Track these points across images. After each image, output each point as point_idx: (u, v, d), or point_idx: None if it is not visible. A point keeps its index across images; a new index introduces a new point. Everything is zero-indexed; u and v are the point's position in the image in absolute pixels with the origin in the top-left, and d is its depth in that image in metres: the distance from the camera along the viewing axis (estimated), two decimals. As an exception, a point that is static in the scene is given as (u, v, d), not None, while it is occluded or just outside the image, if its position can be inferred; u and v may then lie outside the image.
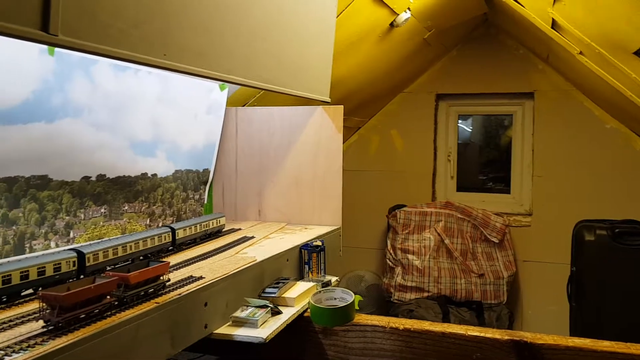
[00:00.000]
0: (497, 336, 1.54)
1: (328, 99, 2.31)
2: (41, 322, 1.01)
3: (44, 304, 0.99)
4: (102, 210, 1.98)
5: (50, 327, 0.98)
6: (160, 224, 2.26)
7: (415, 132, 4.23)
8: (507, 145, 4.24)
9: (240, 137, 2.57)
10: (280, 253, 1.84)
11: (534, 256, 3.91)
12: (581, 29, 2.44)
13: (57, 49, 1.66)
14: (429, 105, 4.20)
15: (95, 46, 1.15)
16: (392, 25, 2.95)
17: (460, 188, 4.25)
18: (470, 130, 4.64)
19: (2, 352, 0.89)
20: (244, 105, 2.74)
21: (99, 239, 1.96)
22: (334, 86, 2.36)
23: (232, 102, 2.61)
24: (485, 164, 4.62)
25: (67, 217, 1.84)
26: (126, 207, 2.09)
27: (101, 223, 1.98)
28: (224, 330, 1.43)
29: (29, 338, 0.95)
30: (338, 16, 2.37)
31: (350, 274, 4.00)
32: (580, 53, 2.70)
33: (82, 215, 1.90)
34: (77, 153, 1.82)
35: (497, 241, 3.70)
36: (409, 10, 2.87)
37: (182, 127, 2.32)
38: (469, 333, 1.55)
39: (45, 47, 1.63)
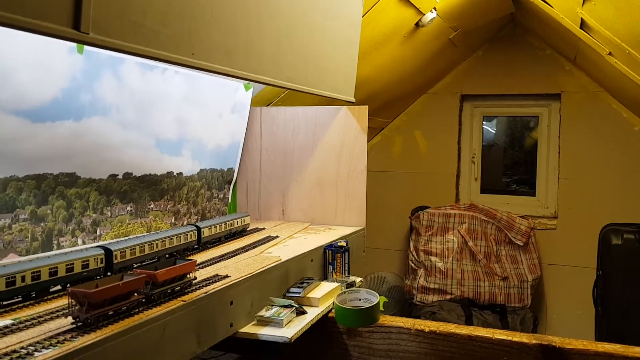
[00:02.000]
0: (525, 340, 1.51)
1: (353, 99, 2.30)
2: (70, 319, 1.01)
3: (73, 301, 0.99)
4: (128, 208, 2.00)
5: (79, 324, 0.98)
6: (184, 223, 2.28)
7: (439, 133, 4.19)
8: (532, 147, 4.17)
9: (264, 136, 2.57)
10: (305, 253, 1.83)
11: (560, 260, 3.84)
12: (611, 29, 2.39)
13: (86, 48, 1.69)
14: (454, 106, 4.16)
15: (125, 44, 1.16)
16: (417, 25, 2.93)
17: (484, 190, 4.20)
18: (494, 131, 4.58)
19: (32, 347, 0.90)
20: (268, 105, 2.75)
21: (125, 236, 1.98)
22: (359, 86, 2.35)
23: (256, 101, 2.62)
24: (510, 165, 4.55)
25: (93, 215, 1.86)
26: (152, 205, 2.11)
27: (127, 221, 2.00)
28: (249, 329, 1.42)
29: (58, 334, 0.96)
30: (363, 16, 2.36)
31: (372, 275, 3.98)
32: (610, 54, 2.64)
33: (109, 213, 1.92)
34: (104, 151, 1.84)
35: (521, 244, 3.64)
36: (435, 10, 2.84)
37: (207, 127, 2.33)
38: (495, 336, 1.52)
39: (74, 45, 1.65)
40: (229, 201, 2.58)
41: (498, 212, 3.76)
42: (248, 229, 2.14)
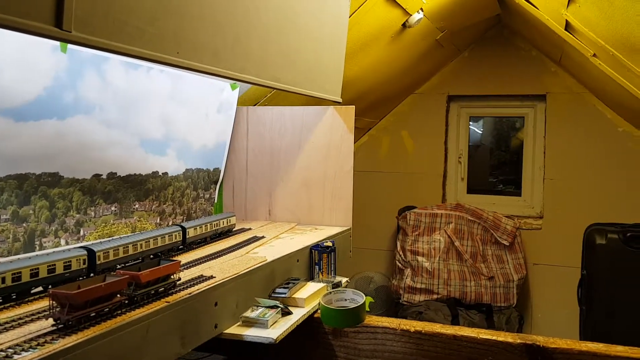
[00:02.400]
0: (509, 340, 1.52)
1: (340, 99, 2.30)
2: (51, 321, 1.00)
3: (54, 302, 0.98)
4: (113, 208, 1.98)
5: (60, 326, 0.97)
6: (170, 223, 2.26)
7: (426, 134, 4.21)
8: (518, 148, 4.20)
9: (251, 136, 2.56)
10: (291, 253, 1.83)
11: (545, 259, 3.87)
12: (595, 31, 2.41)
13: (69, 46, 1.67)
14: (440, 107, 4.18)
15: (109, 43, 1.15)
16: (404, 25, 2.93)
17: (471, 190, 4.22)
18: (481, 132, 4.61)
19: (11, 350, 0.89)
20: (255, 105, 2.74)
21: (109, 237, 1.96)
22: (345, 87, 2.35)
23: (243, 101, 2.61)
24: (496, 166, 4.59)
25: (77, 215, 1.84)
26: (137, 206, 2.09)
27: (111, 221, 1.98)
28: (234, 330, 1.42)
29: (39, 336, 0.95)
30: (350, 16, 2.36)
31: (359, 275, 3.98)
32: (594, 55, 2.67)
33: (93, 213, 1.89)
34: (88, 150, 1.82)
35: (507, 244, 3.67)
36: (422, 10, 2.85)
37: (193, 126, 2.32)
38: (480, 336, 1.53)
39: (58, 43, 1.63)
40: (215, 201, 2.57)
41: (484, 212, 3.79)
42: (234, 229, 2.13)
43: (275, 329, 1.44)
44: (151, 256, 1.54)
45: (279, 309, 1.50)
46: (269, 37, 1.76)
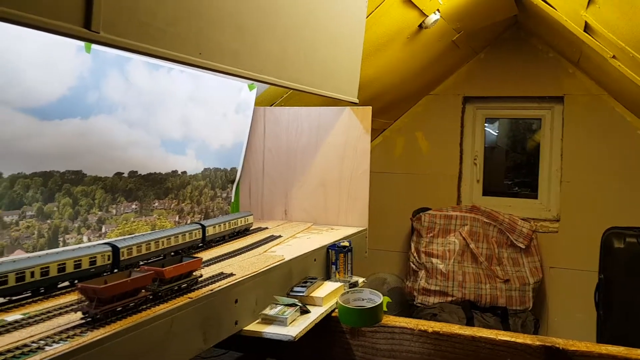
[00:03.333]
0: (529, 341, 1.52)
1: (356, 100, 2.31)
2: (79, 314, 1.02)
3: (83, 296, 1.00)
4: (133, 206, 2.01)
5: (89, 319, 0.99)
6: (188, 221, 2.28)
7: (440, 135, 4.20)
8: (534, 150, 4.18)
9: (267, 136, 2.58)
10: (308, 252, 1.84)
11: (561, 263, 3.85)
12: (615, 33, 2.40)
13: (93, 47, 1.70)
14: (456, 108, 4.17)
15: (134, 44, 1.17)
16: (421, 26, 2.94)
17: (486, 192, 4.21)
18: (496, 133, 4.59)
19: (43, 341, 0.91)
20: (271, 105, 2.76)
21: (130, 234, 1.99)
22: (361, 87, 2.36)
23: (260, 101, 2.63)
24: (511, 168, 4.56)
25: (99, 212, 1.87)
26: (156, 204, 2.12)
27: (132, 219, 2.01)
28: (254, 327, 1.43)
29: (68, 329, 0.97)
30: (367, 17, 2.37)
31: (372, 276, 3.99)
32: (614, 57, 2.65)
33: (114, 211, 1.93)
34: (110, 149, 1.85)
35: (523, 247, 3.65)
36: (439, 11, 2.85)
37: (212, 126, 2.34)
38: (499, 338, 1.53)
39: (82, 44, 1.66)
40: (232, 200, 2.59)
41: (500, 214, 3.77)
42: (251, 228, 2.15)
43: (294, 327, 1.45)
44: (172, 253, 1.56)
45: (298, 307, 1.51)
46: (288, 38, 1.78)
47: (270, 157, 2.59)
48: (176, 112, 2.13)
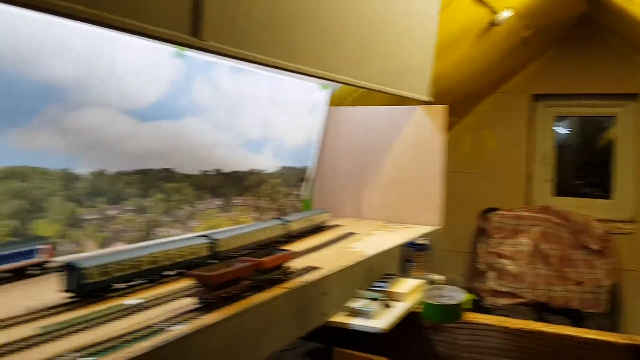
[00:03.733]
0: (615, 339, 1.50)
1: (429, 99, 2.32)
2: (190, 299, 1.11)
3: (197, 283, 1.08)
4: (217, 202, 2.12)
5: (203, 304, 1.07)
6: (265, 218, 2.37)
7: (508, 133, 4.12)
8: (606, 149, 4.04)
9: (340, 136, 2.64)
10: (386, 249, 1.88)
11: (638, 265, 3.70)
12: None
13: (186, 53, 1.80)
14: (524, 106, 4.09)
15: (235, 50, 1.25)
16: (491, 24, 2.91)
17: (556, 192, 4.10)
18: (566, 132, 4.46)
19: (164, 323, 1.00)
20: (340, 105, 2.81)
21: (214, 229, 2.09)
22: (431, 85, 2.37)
23: (331, 101, 2.68)
24: (582, 167, 4.42)
25: (188, 208, 1.98)
26: (237, 200, 2.22)
27: (215, 214, 2.12)
28: (340, 319, 1.48)
29: (184, 313, 1.05)
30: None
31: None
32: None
33: (200, 207, 2.04)
34: (197, 149, 1.96)
35: (597, 248, 3.54)
36: (509, 8, 2.82)
37: (287, 126, 2.42)
38: (584, 335, 1.52)
39: (175, 50, 1.77)
40: (305, 198, 2.66)
41: (573, 215, 3.67)
42: (327, 225, 2.21)
43: (379, 320, 1.49)
44: (260, 246, 1.64)
45: (381, 301, 1.55)
46: (365, 37, 1.82)
47: (342, 156, 2.64)
48: (255, 113, 2.22)
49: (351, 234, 2.09)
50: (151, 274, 1.24)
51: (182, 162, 1.91)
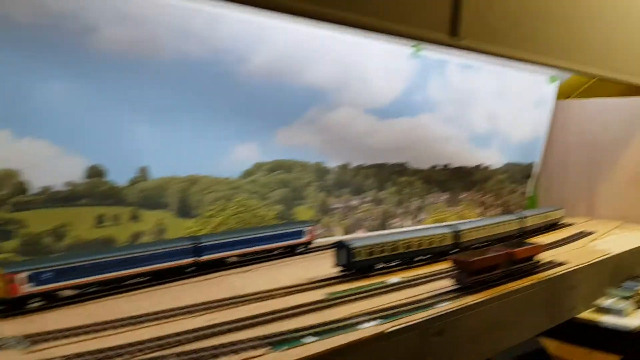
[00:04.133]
0: None
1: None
2: (447, 281, 1.19)
3: (456, 267, 1.16)
4: (444, 196, 2.19)
5: (460, 286, 1.15)
6: (488, 214, 2.37)
7: None
8: None
9: (569, 130, 2.50)
10: (632, 249, 1.75)
11: None
12: None
13: (421, 53, 1.91)
14: None
15: (491, 48, 1.30)
16: None
17: None
18: None
19: (432, 299, 1.09)
20: (567, 98, 2.66)
21: (440, 222, 2.17)
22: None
23: (557, 95, 2.56)
24: None
25: (417, 201, 2.09)
26: (462, 195, 2.26)
27: (442, 208, 2.19)
28: (589, 315, 1.44)
29: (444, 293, 1.14)
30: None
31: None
32: None
33: (429, 200, 2.13)
34: (429, 144, 2.06)
35: None
36: None
37: (513, 121, 2.38)
38: None
39: (412, 51, 1.88)
40: (530, 195, 2.58)
41: None
42: (560, 223, 2.13)
43: (632, 319, 1.41)
44: (497, 240, 1.66)
45: (635, 300, 1.46)
46: (609, 30, 1.72)
47: (572, 151, 2.50)
48: (482, 108, 2.23)
49: (587, 232, 1.98)
50: (406, 257, 1.36)
51: (415, 157, 2.03)
